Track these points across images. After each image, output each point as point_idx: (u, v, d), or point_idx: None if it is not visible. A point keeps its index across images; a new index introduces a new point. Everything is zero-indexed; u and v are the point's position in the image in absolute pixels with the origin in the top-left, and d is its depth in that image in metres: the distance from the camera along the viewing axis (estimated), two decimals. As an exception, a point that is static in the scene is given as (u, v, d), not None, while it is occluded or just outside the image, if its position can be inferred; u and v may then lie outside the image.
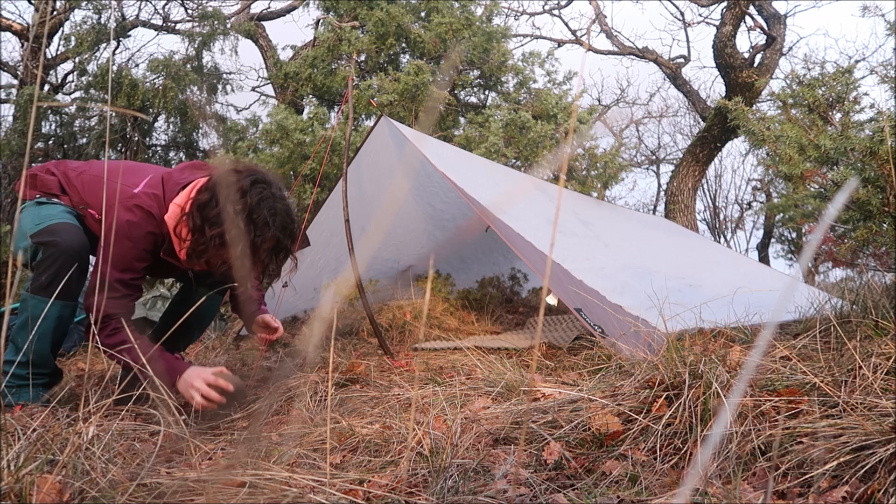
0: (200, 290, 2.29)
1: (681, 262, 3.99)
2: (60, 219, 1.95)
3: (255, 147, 6.28)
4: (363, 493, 1.21)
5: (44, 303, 1.84)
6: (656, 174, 16.19)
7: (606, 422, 1.41)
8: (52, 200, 2.02)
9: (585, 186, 6.71)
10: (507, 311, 4.50)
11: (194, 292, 2.34)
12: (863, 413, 1.21)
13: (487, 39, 6.69)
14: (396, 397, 1.94)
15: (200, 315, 2.32)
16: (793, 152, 2.74)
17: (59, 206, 2.02)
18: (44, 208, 2.00)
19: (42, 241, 1.91)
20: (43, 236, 1.91)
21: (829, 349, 1.67)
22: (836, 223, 2.90)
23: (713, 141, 7.74)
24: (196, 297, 2.26)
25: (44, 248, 1.91)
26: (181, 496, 1.19)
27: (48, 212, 1.98)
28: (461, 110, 7.24)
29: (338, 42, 6.60)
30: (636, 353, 1.83)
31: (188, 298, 2.37)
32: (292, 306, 4.16)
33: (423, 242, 4.40)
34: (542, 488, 1.21)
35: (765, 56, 7.63)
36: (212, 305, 2.36)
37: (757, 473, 1.17)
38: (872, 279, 3.50)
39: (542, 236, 2.79)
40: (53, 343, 1.99)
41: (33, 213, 1.98)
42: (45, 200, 2.03)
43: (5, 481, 1.06)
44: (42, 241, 1.91)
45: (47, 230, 1.92)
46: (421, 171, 3.70)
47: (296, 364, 2.69)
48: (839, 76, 2.93)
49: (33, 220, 1.95)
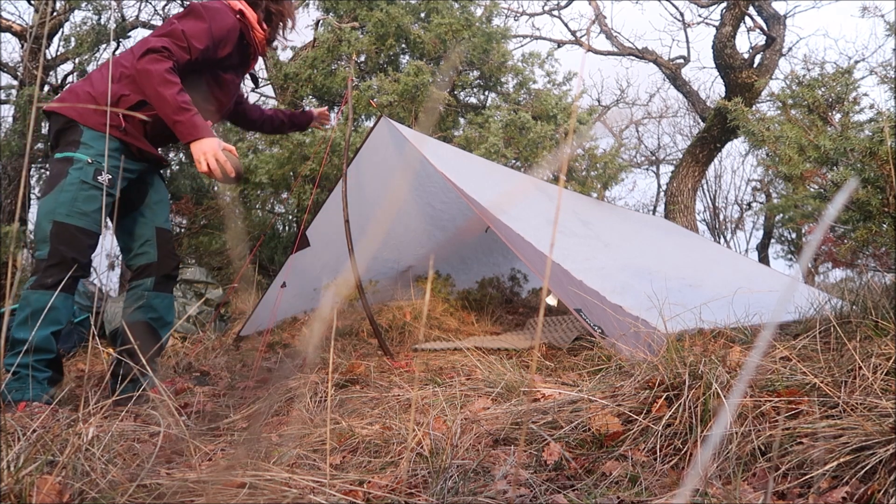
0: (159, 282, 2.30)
1: (681, 262, 3.99)
2: (74, 214, 2.04)
3: (255, 147, 6.28)
4: (363, 494, 1.21)
5: (47, 296, 1.94)
6: (656, 175, 16.20)
7: (606, 422, 1.41)
8: (77, 156, 2.06)
9: (585, 187, 6.71)
10: (507, 311, 4.50)
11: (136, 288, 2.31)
12: (863, 413, 1.21)
13: (487, 40, 6.69)
14: (396, 398, 1.94)
15: (159, 319, 2.31)
16: (792, 153, 2.74)
17: (81, 169, 2.05)
18: (64, 190, 2.03)
19: (53, 247, 2.01)
20: (55, 241, 2.01)
21: (829, 350, 1.67)
22: (836, 223, 2.90)
23: (713, 141, 7.74)
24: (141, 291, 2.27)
25: (51, 252, 2.00)
26: (181, 497, 1.19)
27: (65, 197, 2.03)
28: (461, 111, 7.24)
29: (338, 43, 6.60)
30: (636, 354, 1.83)
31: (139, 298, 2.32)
32: (292, 307, 4.16)
33: (423, 243, 4.40)
34: (542, 489, 1.21)
35: (764, 57, 7.64)
36: (168, 306, 2.35)
37: (757, 474, 1.17)
38: (872, 279, 3.50)
39: (541, 237, 2.78)
40: (55, 331, 2.03)
41: (51, 201, 2.04)
42: (71, 155, 2.06)
43: (5, 482, 1.06)
44: (53, 247, 2.01)
45: (60, 235, 2.01)
46: (421, 171, 3.70)
47: (296, 365, 2.69)
48: (839, 77, 2.93)
49: (51, 209, 2.03)
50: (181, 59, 2.07)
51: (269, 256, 7.53)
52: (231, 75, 2.37)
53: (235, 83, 2.44)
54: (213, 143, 2.06)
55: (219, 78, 2.31)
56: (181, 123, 2.02)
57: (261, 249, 7.13)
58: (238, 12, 2.27)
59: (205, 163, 2.04)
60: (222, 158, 2.06)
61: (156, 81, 1.99)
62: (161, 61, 2.01)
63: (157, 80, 1.99)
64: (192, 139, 2.04)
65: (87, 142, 2.08)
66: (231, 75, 2.37)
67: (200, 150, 2.04)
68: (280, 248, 7.57)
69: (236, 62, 2.35)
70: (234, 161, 2.10)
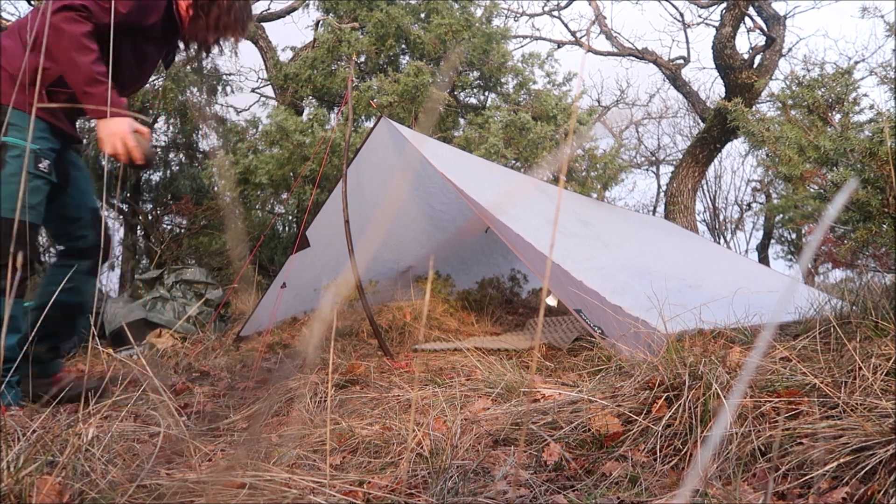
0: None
1: (681, 262, 3.99)
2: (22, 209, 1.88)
3: (255, 148, 6.28)
4: (363, 495, 1.21)
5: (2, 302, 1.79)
6: (656, 175, 16.20)
7: (606, 423, 1.41)
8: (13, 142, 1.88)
9: (585, 187, 6.71)
10: (507, 312, 4.50)
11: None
12: (863, 414, 1.21)
13: (487, 41, 6.70)
14: (396, 398, 1.94)
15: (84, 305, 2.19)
16: (792, 153, 2.75)
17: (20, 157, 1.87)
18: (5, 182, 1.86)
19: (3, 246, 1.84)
20: (5, 240, 1.85)
21: (829, 350, 1.67)
22: (836, 224, 2.90)
23: (713, 142, 7.74)
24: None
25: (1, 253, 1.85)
26: (181, 497, 1.19)
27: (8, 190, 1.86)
28: (461, 111, 7.24)
29: (337, 43, 6.61)
30: (636, 354, 1.83)
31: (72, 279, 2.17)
32: (292, 307, 4.16)
33: (423, 243, 4.40)
34: (542, 489, 1.21)
35: (764, 57, 7.64)
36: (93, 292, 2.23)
37: (757, 474, 1.17)
38: (872, 280, 3.50)
39: (541, 237, 2.78)
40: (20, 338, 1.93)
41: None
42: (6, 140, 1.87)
43: (5, 482, 1.06)
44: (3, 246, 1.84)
45: (8, 232, 1.85)
46: (421, 171, 3.70)
47: (295, 365, 2.69)
48: (839, 77, 2.94)
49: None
50: (101, 22, 1.85)
51: (268, 257, 7.54)
52: (153, 48, 2.17)
53: (155, 58, 2.23)
54: (124, 123, 1.88)
55: (139, 48, 2.10)
56: (92, 97, 1.83)
57: (261, 250, 7.14)
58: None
59: (111, 145, 1.87)
60: (132, 143, 1.89)
61: (70, 44, 1.79)
62: (79, 22, 1.81)
63: (71, 43, 1.79)
64: (101, 116, 1.85)
65: (15, 122, 1.87)
66: (153, 48, 2.17)
67: (109, 131, 1.87)
68: (280, 249, 7.58)
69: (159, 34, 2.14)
70: (145, 145, 1.93)
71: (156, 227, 7.98)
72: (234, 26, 2.19)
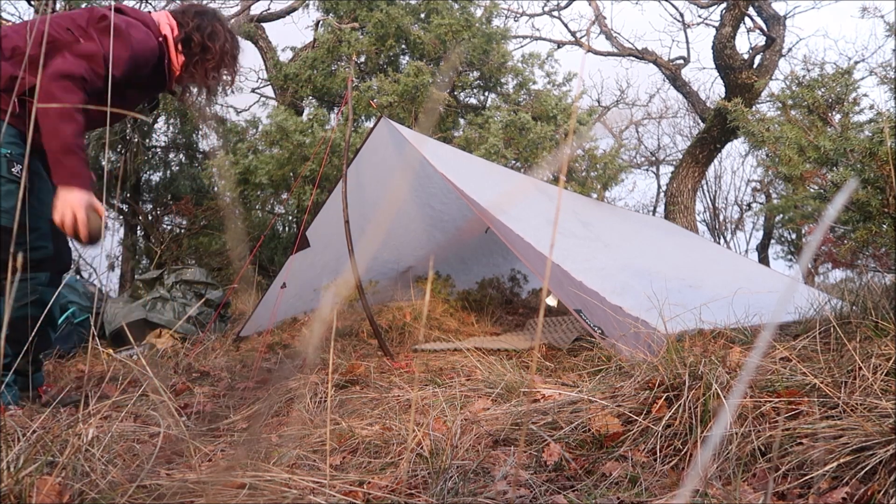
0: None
1: (681, 262, 3.99)
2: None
3: (254, 148, 6.28)
4: (363, 495, 1.21)
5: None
6: (656, 175, 16.19)
7: (606, 423, 1.41)
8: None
9: (585, 187, 6.71)
10: (507, 312, 4.50)
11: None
12: (863, 414, 1.21)
13: (487, 41, 6.70)
14: (396, 398, 1.94)
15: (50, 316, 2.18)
16: (792, 153, 2.75)
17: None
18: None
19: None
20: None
21: (829, 350, 1.67)
22: (836, 224, 2.90)
23: (713, 142, 7.74)
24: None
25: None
26: (181, 498, 1.19)
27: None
28: (461, 111, 7.25)
29: (337, 43, 6.61)
30: (636, 355, 1.83)
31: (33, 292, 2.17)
32: (292, 307, 4.16)
33: (423, 243, 4.40)
34: (542, 489, 1.21)
35: (764, 57, 7.64)
36: (56, 303, 2.23)
37: (757, 474, 1.17)
38: (872, 280, 3.50)
39: (541, 237, 2.78)
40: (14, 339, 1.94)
41: None
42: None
43: (5, 483, 1.06)
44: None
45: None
46: (421, 172, 3.70)
47: (295, 365, 2.69)
48: (839, 77, 2.94)
49: None
50: (95, 85, 1.92)
51: (268, 257, 7.54)
52: (135, 92, 2.22)
53: (137, 100, 2.30)
54: (82, 198, 1.88)
55: (122, 92, 2.13)
56: (62, 165, 1.86)
57: (261, 250, 7.14)
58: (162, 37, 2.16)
59: (61, 214, 1.86)
60: (82, 219, 1.88)
61: (59, 113, 1.82)
62: (73, 92, 1.85)
63: (61, 113, 1.83)
64: (65, 185, 1.86)
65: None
66: (135, 92, 2.22)
67: (66, 202, 1.87)
68: (280, 249, 7.58)
69: (146, 83, 2.22)
70: (95, 223, 1.92)
71: (156, 228, 7.98)
72: (231, 64, 2.33)
